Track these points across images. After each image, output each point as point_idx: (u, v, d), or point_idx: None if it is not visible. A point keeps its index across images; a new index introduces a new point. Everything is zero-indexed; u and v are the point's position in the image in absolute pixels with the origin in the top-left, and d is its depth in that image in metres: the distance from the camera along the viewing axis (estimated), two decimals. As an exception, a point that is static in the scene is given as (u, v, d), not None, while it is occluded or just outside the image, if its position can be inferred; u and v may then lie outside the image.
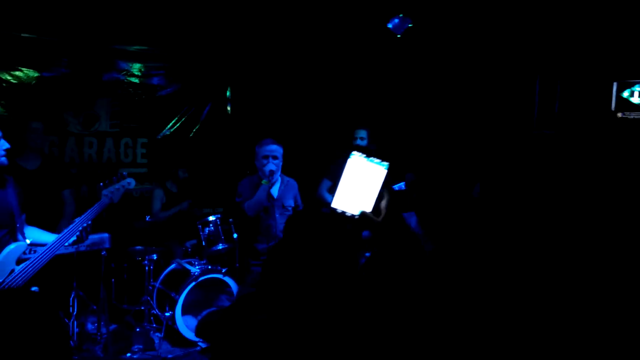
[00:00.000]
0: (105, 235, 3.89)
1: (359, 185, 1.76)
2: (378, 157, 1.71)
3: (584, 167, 5.19)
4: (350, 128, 4.41)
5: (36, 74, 4.90)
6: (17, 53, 4.78)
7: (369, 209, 1.74)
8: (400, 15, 3.95)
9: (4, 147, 2.57)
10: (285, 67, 5.74)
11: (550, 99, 5.37)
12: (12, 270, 2.54)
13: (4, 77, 4.76)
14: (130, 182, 2.95)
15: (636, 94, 4.93)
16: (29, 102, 4.82)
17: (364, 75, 5.71)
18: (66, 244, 2.72)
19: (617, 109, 5.01)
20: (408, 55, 5.32)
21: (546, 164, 5.34)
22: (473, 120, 5.57)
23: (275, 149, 3.46)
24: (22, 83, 4.84)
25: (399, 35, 4.18)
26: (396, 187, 4.30)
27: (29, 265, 2.57)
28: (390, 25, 4.06)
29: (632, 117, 4.94)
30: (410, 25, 4.05)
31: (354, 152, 1.66)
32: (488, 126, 5.52)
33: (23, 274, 2.55)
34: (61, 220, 3.97)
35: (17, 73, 4.82)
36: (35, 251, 2.67)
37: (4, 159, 2.57)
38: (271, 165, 3.40)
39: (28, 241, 2.71)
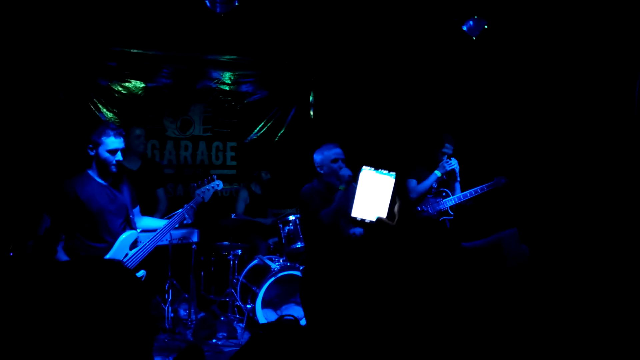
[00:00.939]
0: (195, 230, 4.26)
1: (373, 194, 1.87)
2: (385, 169, 1.81)
3: None
4: (432, 131, 4.40)
5: (142, 85, 5.48)
6: (126, 66, 5.40)
7: (384, 215, 1.82)
8: (475, 16, 3.86)
9: (117, 159, 2.94)
10: (367, 71, 5.82)
11: None
12: (126, 254, 2.95)
13: (116, 88, 5.38)
14: (219, 184, 3.27)
15: None
16: (135, 110, 5.41)
17: (445, 78, 5.61)
18: (172, 238, 3.08)
19: None
20: (488, 57, 5.15)
21: None
22: (569, 124, 5.23)
23: (342, 152, 3.37)
24: (130, 93, 5.44)
25: (474, 38, 4.08)
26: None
27: (139, 250, 2.98)
28: (464, 28, 3.99)
29: None
30: (485, 26, 3.94)
31: (364, 167, 1.76)
32: (584, 130, 5.15)
33: (134, 257, 2.96)
34: (154, 215, 4.39)
35: (127, 84, 5.43)
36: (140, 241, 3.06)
37: (113, 167, 2.94)
38: (348, 170, 3.28)
39: (139, 230, 3.10)
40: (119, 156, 2.93)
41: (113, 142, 2.91)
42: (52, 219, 2.89)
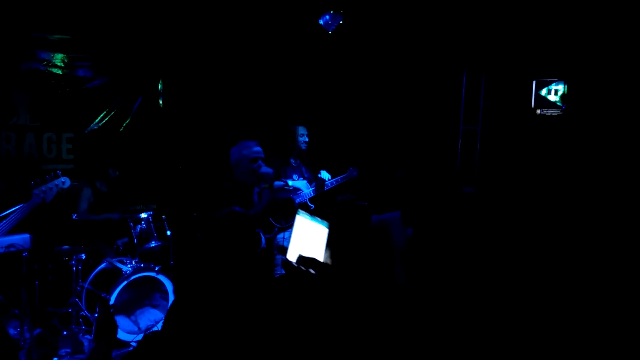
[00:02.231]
0: (27, 236, 3.68)
1: (306, 240, 1.90)
2: (320, 217, 1.86)
3: (506, 161, 5.53)
4: (283, 124, 4.44)
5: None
6: None
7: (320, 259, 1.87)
8: (331, 11, 4.00)
9: None
10: (218, 60, 5.65)
11: (476, 95, 5.68)
12: None
13: None
14: (65, 181, 2.85)
15: (552, 92, 5.33)
16: None
17: (296, 70, 5.73)
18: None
19: (537, 106, 5.39)
20: (339, 51, 5.42)
21: (471, 158, 5.64)
22: (405, 114, 5.78)
23: (261, 150, 3.36)
24: None
25: (330, 32, 4.24)
26: (331, 181, 4.36)
27: None
28: (321, 22, 4.11)
29: (549, 113, 5.34)
30: (341, 21, 4.12)
31: (300, 211, 1.78)
32: (418, 120, 5.75)
33: None
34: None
35: None
36: None
37: None
38: (267, 168, 3.30)
39: None
40: None
41: None
42: None
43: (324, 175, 4.28)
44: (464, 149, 5.70)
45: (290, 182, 4.18)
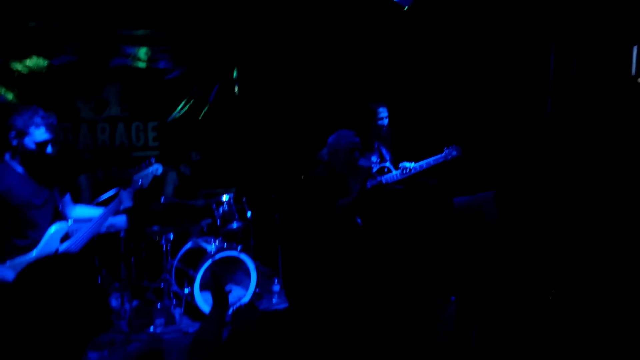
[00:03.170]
0: (124, 216, 4.04)
1: None
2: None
3: (601, 138, 5.04)
4: (361, 106, 4.38)
5: (46, 62, 4.98)
6: (26, 42, 4.87)
7: None
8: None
9: (47, 151, 2.65)
10: (293, 43, 5.71)
11: (567, 68, 5.19)
12: (57, 250, 2.70)
13: (14, 67, 4.85)
14: (158, 168, 3.10)
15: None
16: (40, 90, 4.92)
17: (373, 52, 5.57)
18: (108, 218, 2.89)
19: (638, 73, 4.83)
20: (417, 29, 5.24)
21: (564, 137, 5.18)
22: (490, 92, 5.45)
23: (359, 141, 3.33)
24: (32, 72, 4.93)
25: (405, 8, 4.12)
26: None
27: (72, 243, 2.75)
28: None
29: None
30: None
31: None
32: (505, 98, 5.39)
33: (67, 252, 2.71)
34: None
35: (28, 62, 4.91)
36: (74, 232, 2.83)
37: (32, 145, 2.63)
38: (365, 161, 3.42)
39: (70, 221, 2.86)
40: (48, 149, 2.64)
41: (42, 134, 2.59)
42: None
43: (407, 165, 3.93)
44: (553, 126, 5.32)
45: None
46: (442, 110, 5.15)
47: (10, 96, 4.82)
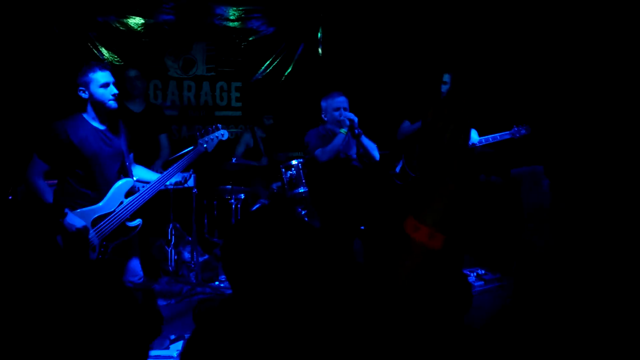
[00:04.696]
0: (192, 175, 4.18)
1: None
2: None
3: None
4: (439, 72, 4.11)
5: (142, 21, 5.23)
6: (125, 1, 5.13)
7: None
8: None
9: (112, 92, 2.80)
10: (378, 6, 5.43)
11: None
12: (121, 202, 2.87)
13: (114, 26, 5.16)
14: (224, 134, 3.11)
15: None
16: (135, 48, 5.20)
17: (452, 19, 5.17)
18: (167, 183, 3.01)
19: None
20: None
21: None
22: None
23: (345, 100, 3.70)
24: (129, 30, 5.21)
25: None
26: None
27: (135, 199, 2.89)
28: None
29: None
30: None
31: None
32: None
33: (130, 206, 2.86)
34: (156, 161, 4.30)
35: (126, 21, 5.19)
36: (138, 189, 2.97)
37: (112, 102, 2.79)
38: (350, 114, 3.59)
39: (135, 178, 3.01)
40: (113, 89, 2.77)
41: (102, 75, 2.75)
42: (43, 162, 2.81)
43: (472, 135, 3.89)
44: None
45: None
46: (514, 88, 4.76)
47: (107, 54, 5.14)
